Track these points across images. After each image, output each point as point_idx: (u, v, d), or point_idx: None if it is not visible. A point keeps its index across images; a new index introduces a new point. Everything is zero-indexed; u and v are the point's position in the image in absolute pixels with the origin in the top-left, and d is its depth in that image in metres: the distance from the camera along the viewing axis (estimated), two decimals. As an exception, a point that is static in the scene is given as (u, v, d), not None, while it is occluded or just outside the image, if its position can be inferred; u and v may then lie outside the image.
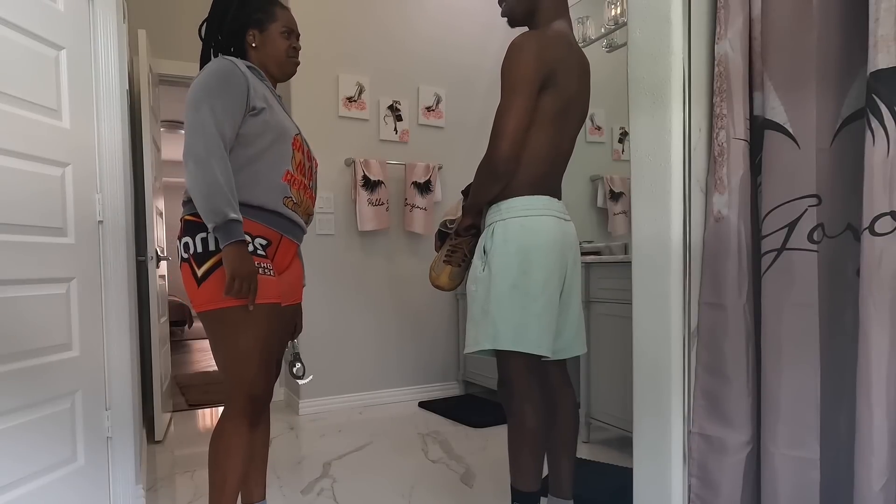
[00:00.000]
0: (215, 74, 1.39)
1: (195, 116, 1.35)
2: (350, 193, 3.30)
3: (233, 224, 1.32)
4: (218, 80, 1.38)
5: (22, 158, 1.48)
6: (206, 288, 1.36)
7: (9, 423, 1.44)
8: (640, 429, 1.39)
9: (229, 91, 1.38)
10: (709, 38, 1.28)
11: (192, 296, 1.39)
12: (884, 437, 1.01)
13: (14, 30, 1.47)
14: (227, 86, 1.38)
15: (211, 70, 1.39)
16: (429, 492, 2.08)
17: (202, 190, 1.31)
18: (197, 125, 1.34)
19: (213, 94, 1.36)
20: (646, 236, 1.35)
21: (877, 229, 1.01)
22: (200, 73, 1.41)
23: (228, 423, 1.41)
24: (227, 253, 1.32)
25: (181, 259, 1.41)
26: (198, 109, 1.35)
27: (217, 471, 1.42)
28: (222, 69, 1.40)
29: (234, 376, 1.40)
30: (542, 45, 1.38)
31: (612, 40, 2.99)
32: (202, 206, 1.32)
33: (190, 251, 1.38)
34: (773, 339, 1.17)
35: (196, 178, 1.32)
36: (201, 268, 1.37)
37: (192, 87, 1.39)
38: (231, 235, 1.32)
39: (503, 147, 1.37)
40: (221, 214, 1.31)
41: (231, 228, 1.32)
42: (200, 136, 1.34)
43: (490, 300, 1.43)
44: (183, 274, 1.41)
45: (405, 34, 3.44)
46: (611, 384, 2.41)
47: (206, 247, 1.37)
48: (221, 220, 1.31)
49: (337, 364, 3.29)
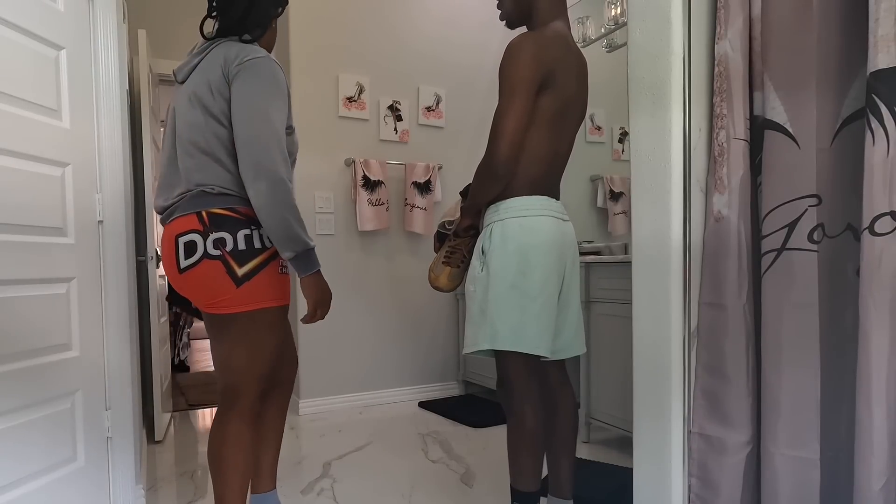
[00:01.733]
0: (278, 80, 1.30)
1: (266, 127, 1.25)
2: (350, 193, 3.30)
3: (312, 253, 1.31)
4: (281, 87, 1.30)
5: (22, 158, 1.48)
6: (248, 288, 1.31)
7: (9, 423, 1.44)
8: (640, 429, 1.38)
9: (285, 103, 1.32)
10: (709, 38, 1.28)
11: (227, 294, 1.30)
12: (884, 437, 1.01)
13: (14, 30, 1.47)
14: (284, 97, 1.33)
15: (272, 73, 1.29)
16: (429, 492, 2.08)
17: (282, 214, 1.25)
18: (270, 138, 1.25)
19: (281, 104, 1.30)
20: (646, 236, 1.35)
21: (877, 229, 1.01)
22: (257, 72, 1.26)
23: (242, 423, 1.40)
24: (311, 283, 1.32)
25: (207, 256, 1.29)
26: (268, 119, 1.26)
27: (225, 466, 1.39)
28: (281, 76, 1.32)
29: (252, 372, 1.38)
30: (540, 46, 1.38)
31: (612, 40, 2.99)
32: (280, 231, 1.26)
33: (226, 247, 1.29)
34: (773, 339, 1.17)
35: (274, 198, 1.25)
36: (244, 266, 1.30)
37: (253, 88, 1.26)
38: (313, 265, 1.31)
39: (502, 148, 1.37)
40: (303, 243, 1.28)
41: (312, 258, 1.31)
42: (276, 151, 1.26)
43: (489, 300, 1.43)
44: (207, 271, 1.30)
45: (405, 34, 3.44)
46: (611, 384, 2.41)
47: (251, 244, 1.31)
48: (303, 248, 1.29)
49: (337, 364, 3.29)
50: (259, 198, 1.25)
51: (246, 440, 1.41)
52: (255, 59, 1.29)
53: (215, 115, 1.31)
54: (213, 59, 1.33)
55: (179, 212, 1.35)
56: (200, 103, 1.32)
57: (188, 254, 1.30)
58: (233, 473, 1.40)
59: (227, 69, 1.29)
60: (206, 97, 1.31)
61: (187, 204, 1.34)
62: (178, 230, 1.33)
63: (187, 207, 1.33)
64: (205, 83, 1.32)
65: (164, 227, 1.40)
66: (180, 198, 1.36)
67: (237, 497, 1.41)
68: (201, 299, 1.36)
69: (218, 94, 1.30)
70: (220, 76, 1.30)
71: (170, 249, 1.35)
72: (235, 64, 1.28)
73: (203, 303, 1.36)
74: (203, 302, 1.36)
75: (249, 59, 1.28)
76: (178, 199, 1.36)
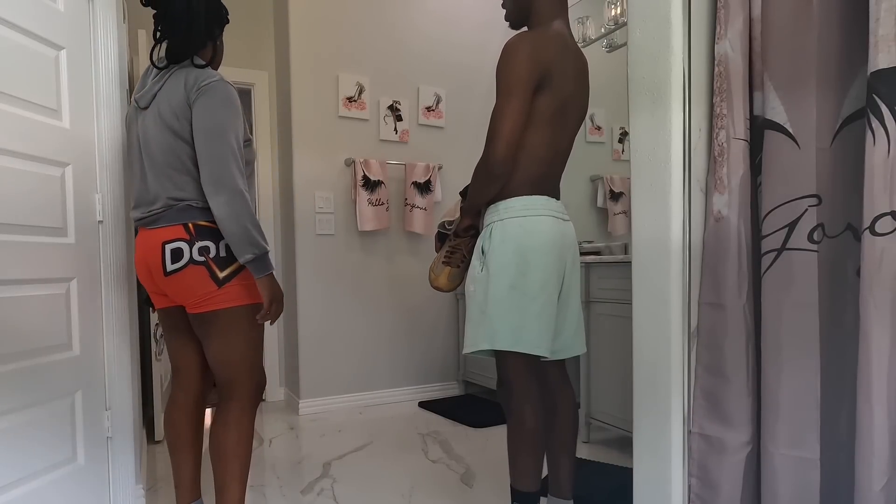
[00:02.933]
0: (231, 101, 1.43)
1: (223, 145, 1.39)
2: (350, 193, 3.30)
3: (267, 256, 1.45)
4: (234, 107, 1.44)
5: (22, 158, 1.48)
6: (229, 288, 1.46)
7: (9, 422, 1.44)
8: (640, 429, 1.38)
9: (240, 120, 1.45)
10: (709, 38, 1.28)
11: (210, 294, 1.45)
12: (884, 437, 1.01)
13: (14, 30, 1.47)
14: (239, 114, 1.46)
15: (226, 95, 1.42)
16: (429, 492, 2.08)
17: (240, 222, 1.39)
18: (227, 154, 1.40)
19: (236, 122, 1.42)
20: (646, 236, 1.35)
21: (877, 229, 1.01)
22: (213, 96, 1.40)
23: (242, 412, 1.53)
24: (267, 282, 1.45)
25: (192, 262, 1.44)
26: (225, 138, 1.40)
27: (237, 460, 1.51)
28: (234, 96, 1.44)
29: (249, 366, 1.53)
30: (537, 47, 1.38)
31: (612, 40, 2.99)
32: (239, 238, 1.39)
33: (210, 254, 1.45)
34: (773, 339, 1.17)
35: (233, 208, 1.38)
36: (224, 271, 1.46)
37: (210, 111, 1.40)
38: (268, 267, 1.45)
39: (499, 149, 1.37)
40: (260, 247, 1.42)
41: (267, 260, 1.45)
42: (233, 166, 1.40)
43: (488, 300, 1.43)
44: (192, 274, 1.44)
45: (405, 34, 3.44)
46: (611, 384, 2.41)
47: (230, 252, 1.46)
48: (261, 252, 1.42)
49: (337, 364, 3.29)
50: (220, 208, 1.38)
51: (248, 430, 1.54)
52: (211, 83, 1.42)
53: (184, 137, 1.43)
54: (174, 86, 1.44)
55: (165, 221, 1.46)
56: (169, 128, 1.43)
57: (174, 259, 1.44)
58: (234, 462, 1.51)
59: (188, 95, 1.42)
60: (174, 122, 1.43)
61: (175, 215, 1.45)
62: (165, 237, 1.45)
63: (174, 218, 1.45)
64: (169, 109, 1.43)
65: (144, 231, 1.50)
66: (165, 209, 1.46)
67: (238, 485, 1.52)
68: (188, 300, 1.48)
69: (183, 119, 1.42)
70: (181, 101, 1.42)
71: (155, 253, 1.46)
72: (195, 89, 1.41)
73: (190, 303, 1.48)
74: (190, 302, 1.48)
75: (206, 83, 1.41)
76: (162, 210, 1.46)
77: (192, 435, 1.66)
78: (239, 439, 1.52)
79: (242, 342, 1.52)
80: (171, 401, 1.66)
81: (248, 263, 1.41)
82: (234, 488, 1.52)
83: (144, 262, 1.50)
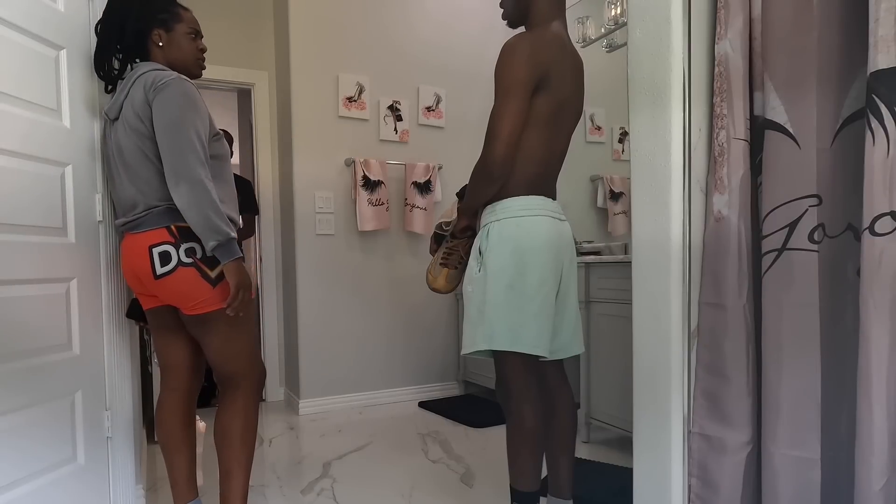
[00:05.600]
0: (187, 96, 1.44)
1: (180, 137, 1.40)
2: (350, 193, 3.30)
3: (234, 242, 1.43)
4: (190, 101, 1.44)
5: (22, 158, 1.48)
6: (223, 287, 1.47)
7: (9, 422, 1.44)
8: (640, 429, 1.39)
9: (200, 113, 1.46)
10: (709, 38, 1.28)
11: (206, 294, 1.46)
12: (884, 436, 1.01)
13: (14, 30, 1.47)
14: (199, 108, 1.46)
15: (182, 91, 1.43)
16: (429, 492, 2.08)
17: (202, 210, 1.39)
18: (185, 146, 1.40)
19: (192, 116, 1.43)
20: (646, 236, 1.35)
21: (877, 229, 1.01)
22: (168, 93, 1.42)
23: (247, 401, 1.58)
24: (234, 268, 1.43)
25: (181, 264, 1.45)
26: (181, 130, 1.41)
27: (244, 446, 1.57)
28: (191, 91, 1.46)
29: (251, 357, 1.60)
30: (535, 47, 1.38)
31: (612, 40, 2.99)
32: (202, 225, 1.39)
33: (197, 255, 1.46)
34: (773, 339, 1.17)
35: (193, 198, 1.39)
36: (215, 269, 1.47)
37: (165, 107, 1.41)
38: (234, 252, 1.43)
39: (498, 150, 1.37)
40: (224, 233, 1.40)
41: (233, 246, 1.43)
42: (191, 157, 1.40)
43: (486, 301, 1.43)
44: (184, 277, 1.45)
45: (405, 34, 3.44)
46: (611, 384, 2.41)
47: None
48: (224, 238, 1.40)
49: (337, 364, 3.29)
50: (181, 198, 1.39)
51: (253, 418, 1.59)
52: (167, 80, 1.44)
53: (151, 137, 1.45)
54: (135, 92, 1.46)
55: (147, 225, 1.47)
56: (136, 132, 1.46)
57: (163, 262, 1.45)
58: (242, 448, 1.56)
59: (147, 95, 1.44)
60: (139, 125, 1.45)
61: (157, 218, 1.47)
62: (151, 241, 1.46)
63: (157, 221, 1.47)
64: (133, 113, 1.46)
65: (130, 235, 1.52)
66: (147, 212, 1.47)
67: (243, 472, 1.56)
68: (183, 303, 1.49)
69: (146, 119, 1.44)
70: (142, 103, 1.44)
71: (143, 257, 1.47)
72: (152, 90, 1.43)
73: (185, 306, 1.49)
74: (185, 305, 1.49)
75: (162, 82, 1.43)
76: (144, 214, 1.48)
77: (184, 434, 1.67)
78: (246, 426, 1.57)
79: (242, 335, 1.56)
80: (161, 402, 1.68)
81: (213, 251, 1.41)
82: (240, 474, 1.56)
83: (131, 267, 1.51)
